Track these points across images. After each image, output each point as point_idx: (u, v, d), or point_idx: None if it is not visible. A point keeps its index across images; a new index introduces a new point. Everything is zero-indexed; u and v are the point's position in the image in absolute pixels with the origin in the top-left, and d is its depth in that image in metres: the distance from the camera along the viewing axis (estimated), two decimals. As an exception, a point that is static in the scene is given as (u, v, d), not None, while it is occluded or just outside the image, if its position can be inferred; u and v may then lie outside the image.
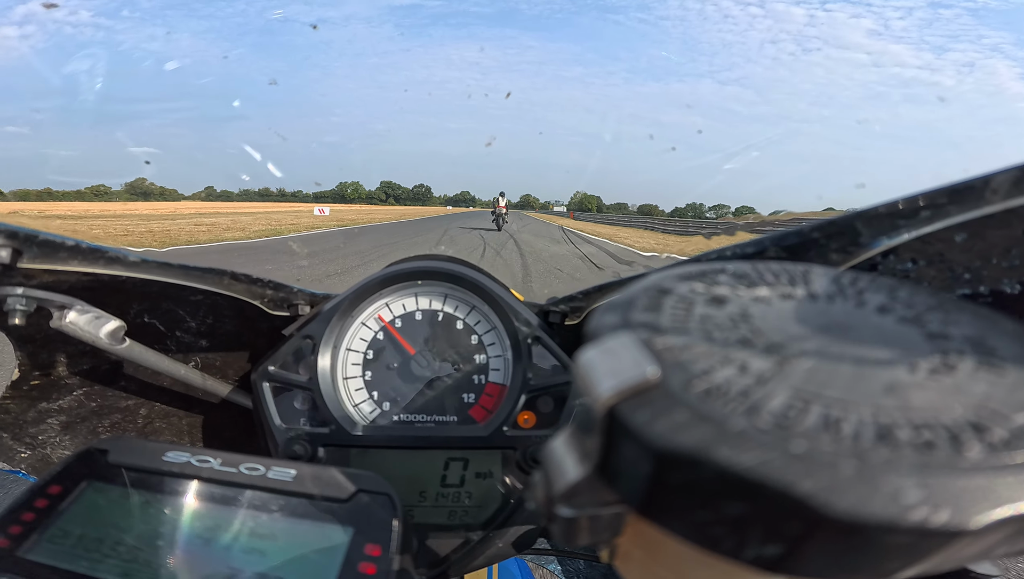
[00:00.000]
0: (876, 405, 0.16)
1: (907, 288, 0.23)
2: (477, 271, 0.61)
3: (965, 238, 0.32)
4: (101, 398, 0.58)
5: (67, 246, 0.41)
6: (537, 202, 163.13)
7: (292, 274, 7.57)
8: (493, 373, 0.58)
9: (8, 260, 0.39)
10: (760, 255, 0.37)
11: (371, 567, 0.32)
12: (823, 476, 0.14)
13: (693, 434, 0.16)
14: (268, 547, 0.34)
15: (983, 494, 0.14)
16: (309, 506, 0.36)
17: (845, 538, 0.14)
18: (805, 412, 0.16)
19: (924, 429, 0.15)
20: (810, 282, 0.23)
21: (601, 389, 0.17)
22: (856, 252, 0.35)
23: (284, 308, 0.56)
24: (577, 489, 0.19)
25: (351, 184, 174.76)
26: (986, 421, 0.16)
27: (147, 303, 0.51)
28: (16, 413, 0.53)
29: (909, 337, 0.19)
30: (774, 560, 0.16)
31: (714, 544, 0.16)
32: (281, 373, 0.56)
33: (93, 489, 0.37)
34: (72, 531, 0.34)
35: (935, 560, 0.15)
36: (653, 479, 0.16)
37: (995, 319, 0.21)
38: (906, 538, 0.14)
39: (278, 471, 0.38)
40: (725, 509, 0.15)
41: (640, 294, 0.22)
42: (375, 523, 0.35)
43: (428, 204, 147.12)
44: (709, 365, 0.18)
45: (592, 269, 9.67)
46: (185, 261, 0.49)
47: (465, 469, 0.56)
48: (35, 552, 0.33)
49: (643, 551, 0.22)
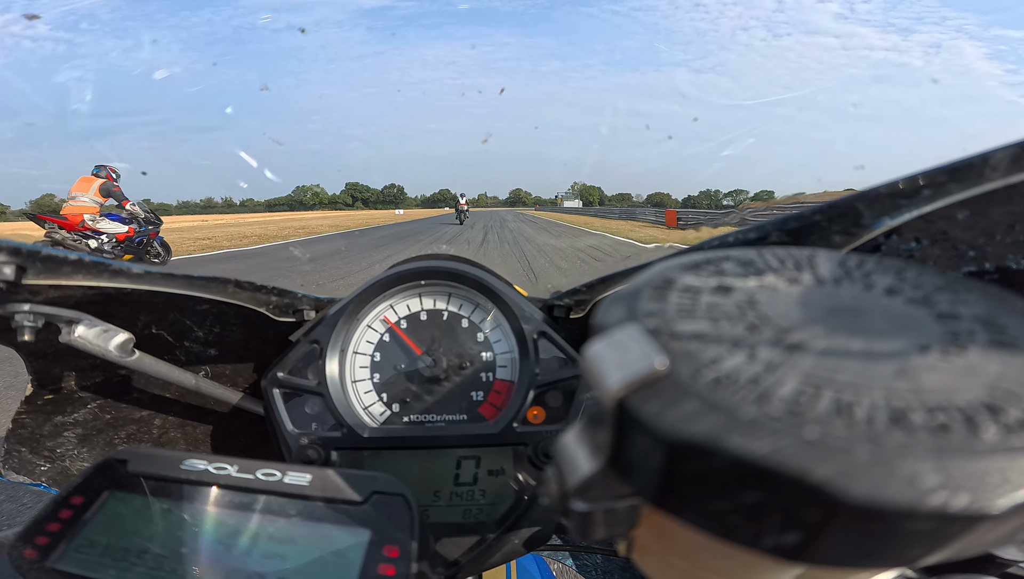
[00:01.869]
0: (888, 389, 0.16)
1: (914, 269, 0.23)
2: (480, 269, 0.61)
3: (968, 216, 0.31)
4: (115, 410, 0.59)
5: (70, 261, 0.41)
6: (530, 197, 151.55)
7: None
8: (501, 370, 0.58)
9: (12, 277, 0.39)
10: (763, 240, 0.37)
11: (390, 568, 0.33)
12: (838, 462, 0.14)
13: (704, 423, 0.15)
14: (288, 551, 0.34)
15: (1002, 476, 0.14)
16: (326, 510, 0.36)
17: (864, 524, 0.14)
18: (817, 398, 0.16)
19: (938, 412, 0.15)
20: (816, 266, 0.23)
21: (610, 382, 0.17)
22: (859, 233, 0.34)
23: (290, 314, 0.57)
24: (591, 483, 0.19)
25: (311, 188, 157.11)
26: (1000, 402, 0.16)
27: (154, 314, 0.51)
28: (32, 427, 0.54)
29: (919, 318, 0.19)
30: (793, 548, 0.15)
31: (731, 534, 0.16)
32: (290, 379, 0.56)
33: (115, 499, 0.37)
34: (98, 541, 0.35)
35: (957, 545, 0.15)
36: (666, 470, 0.16)
37: (1004, 297, 0.21)
38: (926, 523, 0.14)
39: (294, 476, 0.38)
40: (740, 498, 0.15)
41: (645, 285, 0.22)
42: (392, 524, 0.35)
43: (402, 206, 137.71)
44: (718, 354, 0.18)
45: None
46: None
47: (478, 467, 0.56)
48: (63, 562, 0.34)
49: (660, 543, 0.22)
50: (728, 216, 25.67)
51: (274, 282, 0.55)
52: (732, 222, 19.37)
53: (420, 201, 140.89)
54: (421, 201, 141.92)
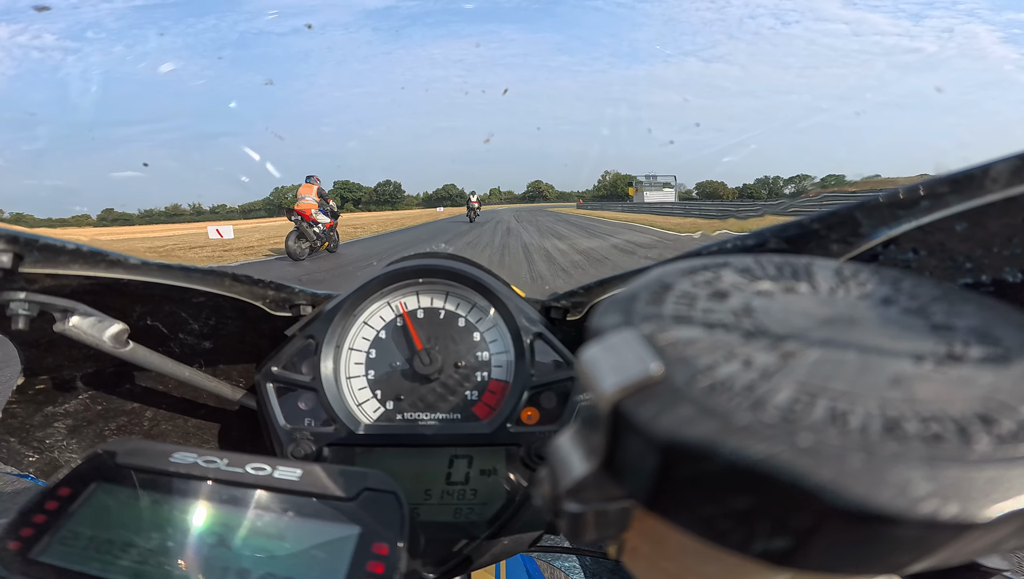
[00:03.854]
0: (883, 398, 0.16)
1: (910, 279, 0.23)
2: (478, 268, 0.61)
3: (966, 227, 0.32)
4: (107, 401, 0.59)
5: (68, 250, 0.41)
6: (552, 191, 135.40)
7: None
8: (496, 370, 0.58)
9: (9, 264, 0.39)
10: (761, 247, 0.37)
11: (379, 566, 0.32)
12: (831, 469, 0.14)
13: (698, 429, 0.15)
14: (276, 547, 0.34)
15: (992, 486, 0.14)
16: (316, 505, 0.36)
17: (853, 531, 0.14)
18: (811, 405, 0.16)
19: (932, 421, 0.15)
20: (813, 275, 0.23)
21: (605, 385, 0.17)
22: (857, 243, 0.35)
23: (286, 309, 0.56)
24: (583, 485, 0.19)
25: (291, 189, 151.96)
26: (994, 413, 0.16)
27: (150, 306, 0.51)
28: (23, 417, 0.53)
29: (914, 329, 0.19)
30: (782, 554, 0.16)
31: (722, 538, 0.16)
32: (284, 373, 0.56)
33: (102, 491, 0.37)
34: (83, 533, 0.34)
35: (945, 553, 0.15)
36: (659, 473, 0.16)
37: (1000, 309, 0.21)
38: (915, 531, 0.14)
39: (284, 471, 0.38)
40: (732, 503, 0.15)
41: (642, 289, 0.22)
42: (382, 522, 0.35)
43: (399, 207, 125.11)
44: (713, 360, 0.18)
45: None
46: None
47: (470, 466, 0.56)
48: (47, 554, 0.33)
49: (650, 546, 0.22)
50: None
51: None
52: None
53: (421, 200, 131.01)
54: (422, 200, 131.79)
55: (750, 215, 23.25)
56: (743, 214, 25.68)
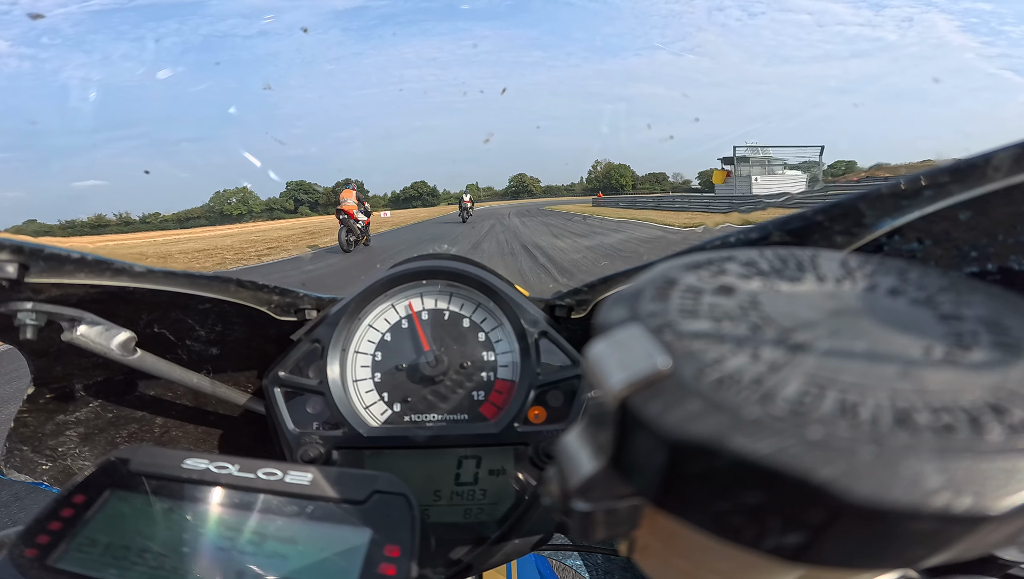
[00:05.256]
0: (893, 389, 0.16)
1: (917, 269, 0.23)
2: (481, 268, 0.61)
3: (970, 216, 0.31)
4: (117, 409, 0.59)
5: (72, 259, 0.41)
6: (537, 185, 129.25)
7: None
8: (502, 370, 0.58)
9: (15, 275, 0.39)
10: (764, 240, 0.37)
11: (391, 568, 0.33)
12: (842, 462, 0.14)
13: (707, 423, 0.15)
14: (288, 550, 0.34)
15: (1007, 477, 0.14)
16: (327, 509, 0.36)
17: (867, 525, 0.14)
18: (821, 398, 0.16)
19: (943, 412, 0.15)
20: (818, 267, 0.23)
21: (612, 382, 0.17)
22: (861, 233, 0.34)
23: (291, 313, 0.57)
24: (592, 483, 0.19)
25: (236, 192, 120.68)
26: (1005, 402, 0.15)
27: (156, 313, 0.51)
28: (34, 426, 0.54)
29: (922, 319, 0.19)
30: (795, 549, 0.15)
31: (733, 534, 0.16)
32: (291, 378, 0.56)
33: (116, 498, 0.37)
34: (99, 539, 0.35)
35: (960, 546, 0.15)
36: (668, 470, 0.16)
37: (1008, 298, 0.21)
38: (929, 524, 0.14)
39: (295, 475, 0.38)
40: (743, 498, 0.15)
41: (647, 285, 0.22)
42: (393, 524, 0.35)
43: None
44: (720, 354, 0.18)
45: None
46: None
47: (478, 467, 0.56)
48: (64, 561, 0.34)
49: (661, 543, 0.22)
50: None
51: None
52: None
53: (388, 200, 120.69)
54: (390, 200, 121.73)
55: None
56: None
